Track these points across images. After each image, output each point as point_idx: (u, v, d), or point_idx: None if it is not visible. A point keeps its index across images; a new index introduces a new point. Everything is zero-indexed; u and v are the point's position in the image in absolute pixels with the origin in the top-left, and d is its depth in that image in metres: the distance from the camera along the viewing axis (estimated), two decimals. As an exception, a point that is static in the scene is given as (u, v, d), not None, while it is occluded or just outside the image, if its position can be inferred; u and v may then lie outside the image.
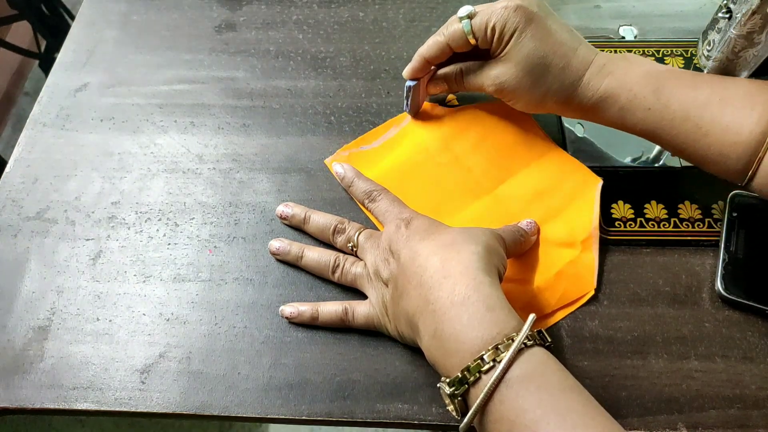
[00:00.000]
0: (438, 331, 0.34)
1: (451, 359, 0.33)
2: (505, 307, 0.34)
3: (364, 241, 0.42)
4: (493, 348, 0.32)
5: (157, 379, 0.41)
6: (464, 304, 0.34)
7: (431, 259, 0.36)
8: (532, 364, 0.32)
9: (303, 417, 0.40)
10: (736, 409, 0.39)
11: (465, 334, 0.33)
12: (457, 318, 0.33)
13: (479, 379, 0.32)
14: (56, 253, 0.47)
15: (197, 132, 0.53)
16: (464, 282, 0.34)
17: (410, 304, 0.36)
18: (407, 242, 0.38)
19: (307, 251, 0.44)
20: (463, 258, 0.35)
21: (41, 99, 0.56)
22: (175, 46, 0.59)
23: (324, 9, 0.61)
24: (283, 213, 0.47)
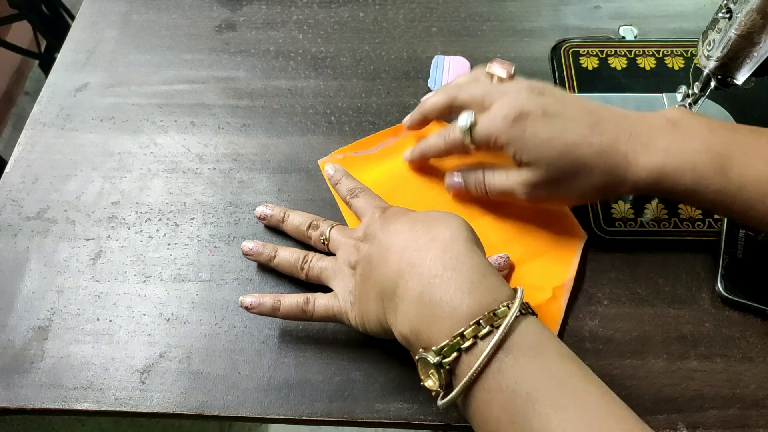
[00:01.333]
0: (425, 294, 0.32)
1: (439, 324, 0.31)
2: (496, 274, 0.33)
3: (336, 234, 0.42)
4: (490, 313, 0.30)
5: (157, 379, 0.41)
6: (456, 268, 0.32)
7: (415, 226, 0.35)
8: (528, 331, 0.30)
9: (303, 417, 0.40)
10: (736, 409, 0.39)
11: (459, 299, 0.31)
12: (450, 281, 0.32)
13: (475, 345, 0.30)
14: (56, 253, 0.47)
15: (197, 132, 0.53)
16: (455, 248, 0.33)
17: (388, 269, 0.34)
18: (384, 224, 0.38)
19: (280, 251, 0.44)
20: (451, 227, 0.34)
21: (41, 99, 0.56)
22: (175, 46, 0.59)
23: (324, 9, 0.61)
24: (262, 213, 0.46)
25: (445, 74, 0.55)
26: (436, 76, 0.55)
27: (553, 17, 0.59)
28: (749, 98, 0.51)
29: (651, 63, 0.55)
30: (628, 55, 0.55)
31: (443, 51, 0.57)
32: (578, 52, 0.56)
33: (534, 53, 0.57)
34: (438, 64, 0.56)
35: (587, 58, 0.56)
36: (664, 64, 0.55)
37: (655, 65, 0.55)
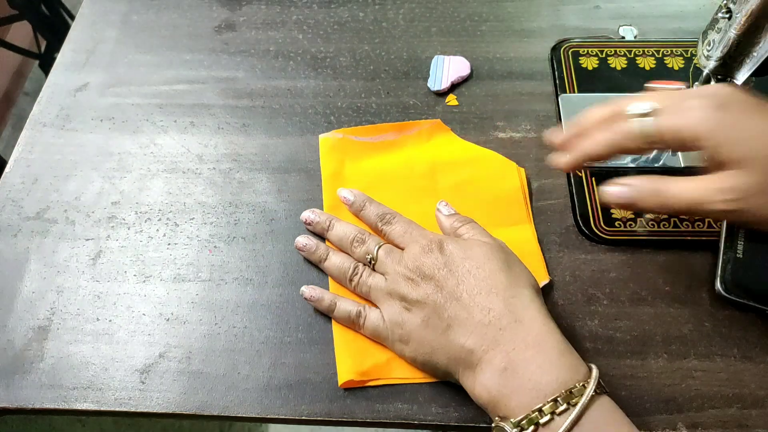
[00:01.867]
0: (510, 369, 0.34)
1: (519, 398, 0.33)
2: (574, 353, 0.35)
3: (385, 255, 0.42)
4: (567, 391, 0.32)
5: (157, 379, 0.41)
6: (539, 346, 0.34)
7: (493, 299, 0.36)
8: (602, 411, 0.32)
9: (303, 417, 0.40)
10: (736, 409, 0.39)
11: (540, 376, 0.33)
12: (532, 359, 0.34)
13: (551, 421, 0.32)
14: (56, 253, 0.47)
15: (197, 132, 0.53)
16: (536, 327, 0.35)
17: (470, 340, 0.36)
18: (451, 272, 0.38)
19: (332, 254, 0.44)
20: (524, 303, 0.36)
21: (41, 99, 0.56)
22: (175, 46, 0.59)
23: (324, 9, 0.61)
24: (308, 219, 0.46)
25: (445, 74, 0.55)
26: (435, 76, 0.55)
27: (552, 17, 0.59)
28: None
29: (651, 63, 0.55)
30: (628, 55, 0.55)
31: (443, 51, 0.57)
32: (578, 52, 0.56)
33: (534, 53, 0.57)
34: (438, 64, 0.56)
35: (587, 58, 0.56)
36: (664, 64, 0.55)
37: (655, 65, 0.55)
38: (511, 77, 0.55)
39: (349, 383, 0.40)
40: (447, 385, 0.40)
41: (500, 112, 0.53)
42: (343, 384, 0.40)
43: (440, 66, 0.55)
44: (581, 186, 0.48)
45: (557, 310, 0.43)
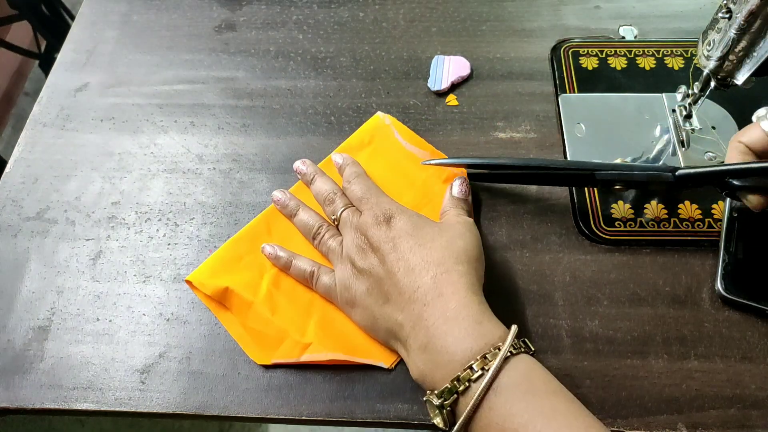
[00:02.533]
0: (430, 344, 0.35)
1: (440, 371, 0.34)
2: (492, 320, 0.36)
3: (346, 219, 0.44)
4: (481, 357, 0.33)
5: (157, 379, 0.41)
6: (456, 319, 0.35)
7: (423, 276, 0.37)
8: (518, 371, 0.33)
9: (303, 417, 0.40)
10: (736, 409, 0.39)
11: (455, 346, 0.34)
12: (449, 332, 0.35)
13: (468, 388, 0.33)
14: (56, 253, 0.47)
15: (197, 132, 0.53)
16: (455, 300, 0.36)
17: (401, 315, 0.37)
18: (394, 247, 0.39)
19: (301, 210, 0.46)
20: (452, 279, 0.37)
21: (41, 99, 0.56)
22: (175, 46, 0.59)
23: (324, 9, 0.61)
24: (297, 168, 0.49)
25: (445, 74, 0.55)
26: (436, 76, 0.55)
27: (553, 17, 0.59)
28: (749, 98, 0.51)
29: (651, 63, 0.55)
30: (628, 55, 0.55)
31: (443, 51, 0.57)
32: (578, 52, 0.56)
33: (534, 53, 0.57)
34: (438, 64, 0.56)
35: (587, 58, 0.56)
36: (664, 64, 0.55)
37: (655, 65, 0.55)
38: (511, 77, 0.55)
39: (189, 283, 0.44)
40: (447, 386, 0.40)
41: (500, 112, 0.53)
42: (186, 281, 0.44)
43: (440, 66, 0.55)
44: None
45: (557, 310, 0.43)
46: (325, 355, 0.41)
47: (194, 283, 0.44)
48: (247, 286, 0.44)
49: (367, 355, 0.41)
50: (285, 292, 0.44)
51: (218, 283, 0.43)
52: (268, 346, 0.41)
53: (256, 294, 0.43)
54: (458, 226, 0.41)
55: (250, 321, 0.42)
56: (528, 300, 0.43)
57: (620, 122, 0.51)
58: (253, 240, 0.46)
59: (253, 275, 0.44)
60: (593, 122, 0.51)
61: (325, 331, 0.42)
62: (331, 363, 0.41)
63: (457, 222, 0.42)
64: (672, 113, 0.51)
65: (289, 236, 0.46)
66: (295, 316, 0.43)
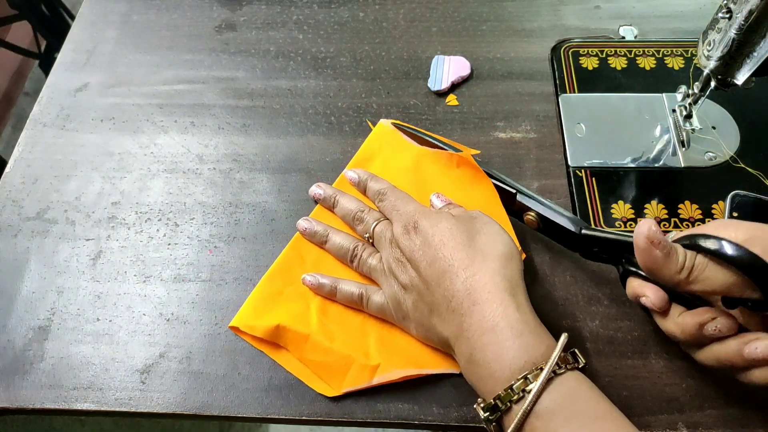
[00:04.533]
0: (472, 357, 0.34)
1: (485, 385, 0.34)
2: (533, 332, 0.34)
3: (379, 234, 0.43)
4: (522, 378, 0.32)
5: (157, 379, 0.41)
6: (494, 331, 0.34)
7: (455, 283, 0.36)
8: (561, 393, 0.32)
9: (303, 417, 0.40)
10: (736, 409, 0.39)
11: (495, 363, 0.33)
12: (488, 346, 0.34)
13: (510, 409, 0.32)
14: (56, 253, 0.47)
15: (197, 132, 0.53)
16: (490, 308, 0.34)
17: (445, 327, 0.37)
18: (423, 255, 0.38)
19: (331, 234, 0.45)
20: (483, 281, 0.35)
21: (41, 99, 0.56)
22: (175, 46, 0.59)
23: (324, 9, 0.61)
24: (316, 194, 0.48)
25: (445, 74, 0.55)
26: (436, 76, 0.55)
27: (553, 17, 0.59)
28: (749, 98, 0.51)
29: (651, 63, 0.55)
30: (628, 55, 0.55)
31: (443, 51, 0.57)
32: (578, 52, 0.56)
33: (534, 53, 0.57)
34: (438, 64, 0.56)
35: (587, 58, 0.56)
36: (664, 64, 0.55)
37: (655, 65, 0.55)
38: (511, 77, 0.55)
39: (235, 329, 0.42)
40: (447, 385, 0.40)
41: (500, 112, 0.53)
42: (231, 326, 0.42)
43: (440, 66, 0.55)
44: (581, 186, 0.48)
45: (558, 310, 0.43)
46: (396, 373, 0.39)
47: (241, 328, 0.42)
48: (297, 319, 0.42)
49: (436, 364, 0.40)
50: (334, 318, 0.42)
51: (267, 322, 0.41)
52: (336, 376, 0.40)
53: (308, 325, 0.41)
54: (475, 221, 0.39)
55: (309, 354, 0.41)
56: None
57: (620, 122, 0.51)
58: (289, 271, 0.44)
59: (299, 307, 0.43)
60: (593, 122, 0.51)
61: (388, 349, 0.41)
62: (403, 380, 0.39)
63: (471, 216, 0.40)
64: (672, 113, 0.51)
65: (322, 260, 0.45)
66: (353, 340, 0.41)
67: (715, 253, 0.30)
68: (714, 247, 0.30)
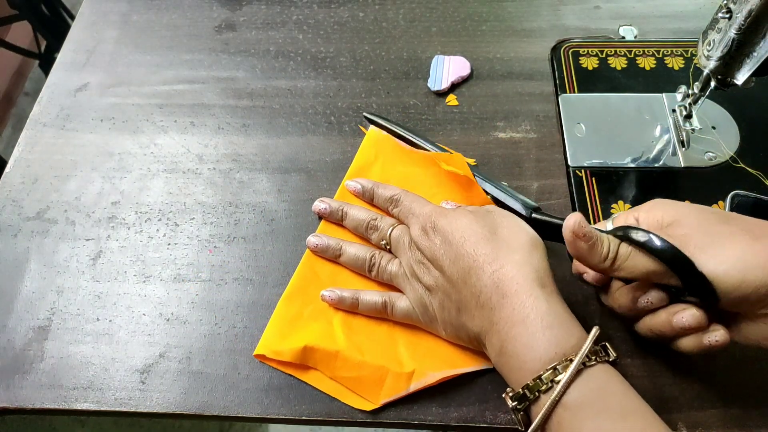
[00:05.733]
0: (503, 349, 0.35)
1: (515, 375, 0.34)
2: (563, 324, 0.34)
3: (396, 240, 0.42)
4: (552, 368, 0.32)
5: (157, 379, 0.41)
6: (523, 323, 0.34)
7: (482, 278, 0.36)
8: (590, 386, 0.31)
9: (303, 417, 0.40)
10: (736, 409, 0.39)
11: (525, 354, 0.33)
12: (518, 338, 0.34)
13: (538, 398, 0.32)
14: (56, 253, 0.47)
15: (197, 132, 0.53)
16: (518, 300, 0.34)
17: (475, 323, 0.37)
18: (445, 253, 0.38)
19: (345, 247, 0.44)
20: (511, 273, 0.35)
21: (41, 99, 0.56)
22: (175, 46, 0.59)
23: (324, 9, 0.61)
24: (321, 210, 0.47)
25: (445, 74, 0.55)
26: (436, 76, 0.55)
27: (553, 17, 0.59)
28: (749, 98, 0.51)
29: (651, 63, 0.55)
30: (628, 55, 0.55)
31: (443, 51, 0.57)
32: (578, 52, 0.56)
33: (534, 53, 0.57)
34: (438, 64, 0.56)
35: (587, 58, 0.56)
36: (664, 64, 0.55)
37: (655, 65, 0.55)
38: (511, 77, 0.55)
39: (261, 357, 0.41)
40: (447, 385, 0.40)
41: (500, 112, 0.53)
42: (256, 355, 0.41)
43: (440, 66, 0.55)
44: (581, 186, 0.48)
45: (557, 310, 0.43)
46: (432, 376, 0.39)
47: (268, 355, 0.41)
48: (323, 337, 0.41)
49: (469, 362, 0.40)
50: (360, 330, 0.42)
51: (293, 345, 0.40)
52: (372, 388, 0.39)
53: (336, 342, 0.41)
54: (492, 214, 0.39)
55: (341, 371, 0.40)
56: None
57: (620, 122, 0.51)
58: (305, 290, 0.44)
59: (322, 325, 0.42)
60: (593, 122, 0.51)
61: (419, 353, 0.40)
62: (439, 383, 0.39)
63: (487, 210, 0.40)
64: (672, 113, 0.51)
65: (338, 275, 0.44)
66: (383, 349, 0.41)
67: (643, 246, 0.33)
68: (642, 240, 0.33)
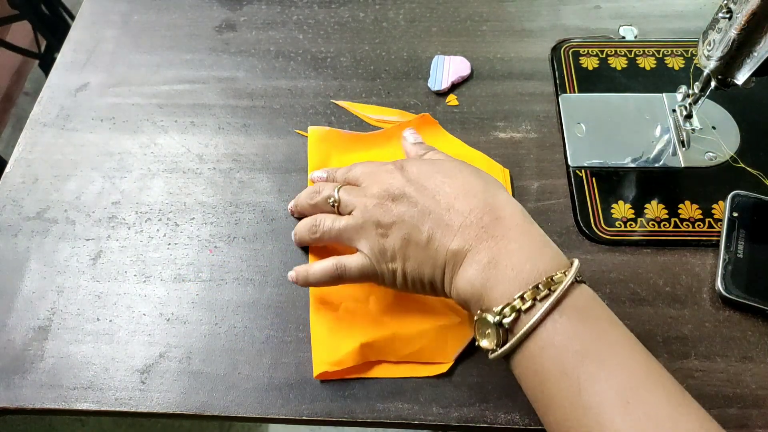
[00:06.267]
0: (493, 262, 0.34)
1: (502, 287, 0.33)
2: (555, 246, 0.36)
3: (347, 193, 0.41)
4: (548, 278, 0.33)
5: (158, 379, 0.41)
6: (520, 240, 0.35)
7: (472, 201, 0.36)
8: (582, 297, 0.33)
9: (303, 417, 0.40)
10: (736, 409, 0.39)
11: (522, 265, 0.34)
12: (515, 251, 0.34)
13: (532, 307, 0.32)
14: (56, 253, 0.47)
15: (197, 132, 0.53)
16: (516, 221, 0.36)
17: (454, 243, 0.36)
18: (423, 186, 0.38)
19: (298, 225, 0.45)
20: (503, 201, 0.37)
21: (41, 99, 0.56)
22: (175, 46, 0.59)
23: (324, 9, 0.61)
24: (291, 208, 0.47)
25: (445, 74, 0.55)
26: (436, 76, 0.55)
27: (553, 17, 0.59)
28: (749, 98, 0.51)
29: (651, 63, 0.55)
30: (628, 55, 0.55)
31: (443, 51, 0.57)
32: (578, 52, 0.56)
33: (534, 53, 0.57)
34: (438, 64, 0.56)
35: (587, 58, 0.56)
36: (664, 64, 0.55)
37: (655, 65, 0.55)
38: (511, 77, 0.55)
39: (324, 375, 0.40)
40: (447, 385, 0.40)
41: (500, 112, 0.53)
42: (318, 376, 0.40)
43: (440, 66, 0.55)
44: (581, 186, 0.48)
45: (557, 310, 0.43)
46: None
47: (329, 370, 0.40)
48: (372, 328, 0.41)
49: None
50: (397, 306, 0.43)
51: (349, 348, 0.40)
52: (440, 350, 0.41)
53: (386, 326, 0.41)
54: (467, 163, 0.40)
55: (404, 349, 0.41)
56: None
57: (620, 122, 0.51)
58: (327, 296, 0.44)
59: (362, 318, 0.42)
60: (593, 122, 0.51)
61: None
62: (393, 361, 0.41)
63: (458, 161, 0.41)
64: (672, 113, 0.51)
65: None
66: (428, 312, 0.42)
67: None
68: None
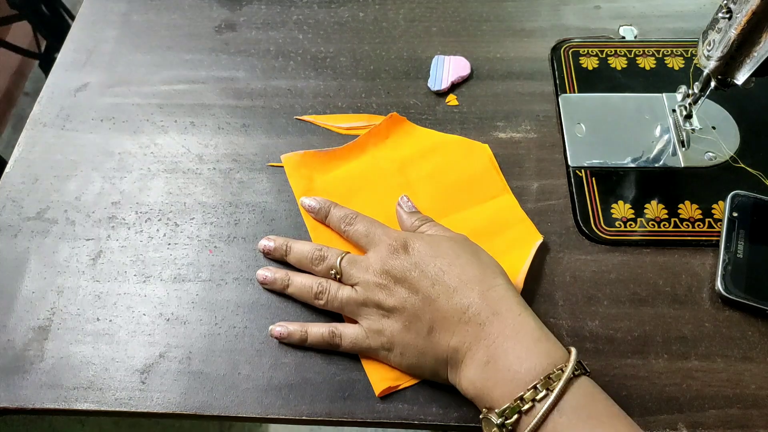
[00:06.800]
0: (491, 363, 0.35)
1: (501, 389, 0.34)
2: (550, 338, 0.36)
3: (349, 266, 0.41)
4: (545, 377, 0.33)
5: (157, 379, 0.41)
6: (516, 337, 0.35)
7: (469, 296, 0.37)
8: (580, 393, 0.33)
9: (303, 417, 0.40)
10: (736, 409, 0.39)
11: (518, 365, 0.34)
12: (510, 350, 0.35)
13: (532, 408, 0.33)
14: (56, 253, 0.47)
15: (197, 132, 0.53)
16: (511, 317, 0.36)
17: (454, 339, 0.36)
18: (423, 273, 0.38)
19: (293, 277, 0.43)
20: (500, 294, 0.37)
21: (41, 99, 0.56)
22: (175, 46, 0.59)
23: (324, 9, 0.61)
24: (265, 247, 0.45)
25: (445, 74, 0.55)
26: (436, 76, 0.55)
27: (553, 17, 0.59)
28: (749, 98, 0.51)
29: (651, 63, 0.55)
30: (628, 55, 0.55)
31: (443, 51, 0.57)
32: (578, 52, 0.56)
33: (534, 53, 0.57)
34: (438, 64, 0.56)
35: (587, 58, 0.56)
36: (664, 64, 0.55)
37: (655, 65, 0.55)
38: (511, 77, 0.55)
39: (386, 391, 0.40)
40: (447, 386, 0.40)
41: (500, 112, 0.53)
42: (381, 393, 0.40)
43: (440, 66, 0.55)
44: (581, 186, 0.48)
45: (557, 310, 0.43)
46: None
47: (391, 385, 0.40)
48: None
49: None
50: None
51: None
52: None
53: None
54: (466, 241, 0.41)
55: None
56: (528, 299, 0.43)
57: (620, 122, 0.51)
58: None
59: None
60: (593, 122, 0.51)
61: None
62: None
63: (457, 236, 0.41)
64: (672, 113, 0.51)
65: None
66: None
67: None
68: None
